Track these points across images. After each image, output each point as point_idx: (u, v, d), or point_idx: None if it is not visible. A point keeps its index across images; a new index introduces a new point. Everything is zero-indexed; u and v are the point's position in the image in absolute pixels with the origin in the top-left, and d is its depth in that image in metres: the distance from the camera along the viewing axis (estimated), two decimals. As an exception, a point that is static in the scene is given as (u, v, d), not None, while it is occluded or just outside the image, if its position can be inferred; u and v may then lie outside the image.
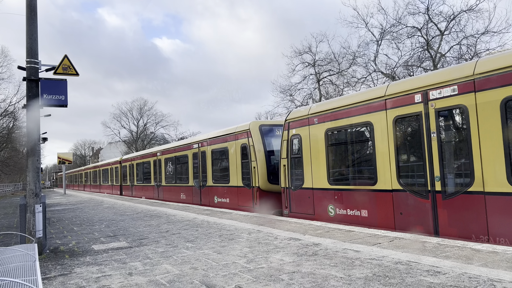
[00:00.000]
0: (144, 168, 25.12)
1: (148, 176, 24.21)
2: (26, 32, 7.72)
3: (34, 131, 7.64)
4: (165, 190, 21.19)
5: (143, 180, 25.28)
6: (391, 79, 25.83)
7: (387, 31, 26.45)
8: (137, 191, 26.42)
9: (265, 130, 13.50)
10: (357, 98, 9.30)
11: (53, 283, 5.23)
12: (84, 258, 6.83)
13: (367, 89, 11.80)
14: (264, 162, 12.73)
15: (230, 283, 4.82)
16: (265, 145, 13.01)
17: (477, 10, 22.73)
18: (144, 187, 24.82)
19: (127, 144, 68.36)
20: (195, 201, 17.44)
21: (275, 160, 12.88)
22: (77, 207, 19.46)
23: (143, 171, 25.33)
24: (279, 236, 7.86)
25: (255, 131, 13.26)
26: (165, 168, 21.13)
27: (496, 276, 4.49)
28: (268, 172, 12.66)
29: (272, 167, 12.71)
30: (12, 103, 41.86)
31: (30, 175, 7.50)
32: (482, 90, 6.70)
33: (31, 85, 7.66)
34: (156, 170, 22.48)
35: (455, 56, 23.87)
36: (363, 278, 4.71)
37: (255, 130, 13.29)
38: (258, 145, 12.92)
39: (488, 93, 6.62)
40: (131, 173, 28.07)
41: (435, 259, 5.40)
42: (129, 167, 28.79)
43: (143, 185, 25.21)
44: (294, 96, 32.67)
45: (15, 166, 52.63)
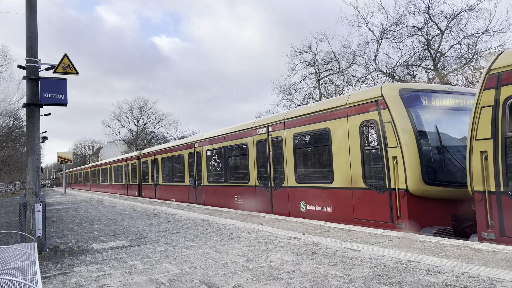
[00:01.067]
0: (173, 163, 20.25)
1: (180, 173, 19.41)
2: (26, 31, 7.72)
3: (33, 130, 7.64)
4: (209, 191, 16.24)
5: (172, 178, 20.41)
6: (391, 78, 25.82)
7: (387, 30, 26.41)
8: (164, 192, 21.43)
9: (410, 98, 8.48)
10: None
11: (53, 282, 5.23)
12: (83, 257, 6.83)
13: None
14: (416, 149, 7.99)
15: (230, 282, 4.82)
16: (414, 121, 8.21)
17: (478, 10, 22.69)
18: (175, 187, 20.01)
19: (127, 143, 68.38)
20: (261, 208, 12.45)
21: (431, 146, 8.30)
22: (77, 206, 19.46)
23: (171, 168, 20.57)
24: (279, 235, 7.86)
25: (394, 100, 8.37)
26: (208, 162, 16.23)
27: (495, 275, 4.49)
28: (422, 166, 7.94)
29: (427, 157, 8.11)
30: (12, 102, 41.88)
31: (29, 174, 7.50)
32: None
33: (31, 84, 7.66)
34: (192, 166, 17.79)
35: (455, 55, 23.86)
36: (362, 277, 4.71)
37: (393, 97, 8.38)
38: (402, 122, 8.17)
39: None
40: (155, 170, 22.94)
41: (434, 258, 5.40)
42: (151, 163, 23.61)
43: (172, 185, 20.35)
44: (294, 96, 32.66)
45: (15, 165, 52.62)
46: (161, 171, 22.09)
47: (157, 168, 22.68)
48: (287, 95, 32.82)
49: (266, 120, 12.67)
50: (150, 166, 23.99)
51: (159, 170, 22.27)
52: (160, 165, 22.23)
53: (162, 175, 21.94)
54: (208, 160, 16.17)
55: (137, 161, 26.64)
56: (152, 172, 23.46)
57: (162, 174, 21.90)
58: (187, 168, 18.32)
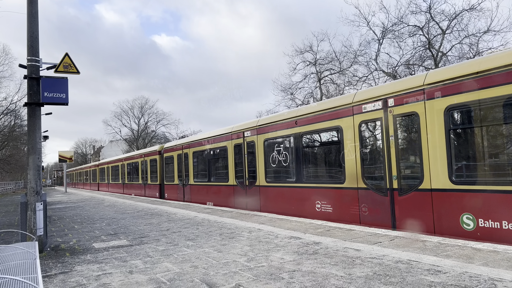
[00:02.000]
0: (212, 158, 16.04)
1: (222, 170, 15.21)
2: (27, 30, 7.72)
3: (34, 129, 7.64)
4: (269, 194, 12.35)
5: (209, 176, 16.12)
6: (392, 78, 25.79)
7: (388, 30, 26.39)
8: (198, 193, 17.23)
9: None
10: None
11: (54, 281, 5.23)
12: (84, 256, 6.84)
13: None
14: None
15: (231, 281, 4.82)
16: None
17: (479, 9, 22.66)
18: (213, 188, 15.78)
19: (128, 142, 68.47)
20: (374, 220, 8.65)
21: None
22: (78, 205, 19.48)
23: (208, 163, 16.26)
24: (280, 235, 7.86)
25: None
26: (269, 156, 12.38)
27: (497, 275, 4.48)
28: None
29: None
30: (14, 101, 41.96)
31: (31, 173, 7.51)
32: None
33: (32, 83, 7.67)
34: (241, 161, 13.74)
35: (456, 55, 23.82)
36: (363, 277, 4.70)
37: None
38: None
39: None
40: (183, 167, 18.74)
41: (435, 258, 5.39)
42: (178, 159, 19.44)
43: (210, 185, 16.13)
44: (295, 95, 32.66)
45: (16, 164, 52.69)
46: (192, 168, 17.87)
47: (186, 165, 18.47)
48: (288, 94, 32.87)
49: (364, 95, 9.76)
50: (176, 162, 19.66)
51: (190, 166, 18.07)
52: (191, 161, 18.01)
53: (194, 173, 17.71)
54: (269, 152, 12.37)
55: (158, 157, 22.29)
56: (180, 169, 19.21)
57: (195, 171, 17.64)
58: (233, 163, 14.12)
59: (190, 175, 18.07)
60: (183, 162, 18.84)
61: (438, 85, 7.37)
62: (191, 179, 17.98)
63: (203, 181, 16.83)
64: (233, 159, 14.20)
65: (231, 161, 14.33)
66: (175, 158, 19.87)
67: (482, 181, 6.64)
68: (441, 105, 7.30)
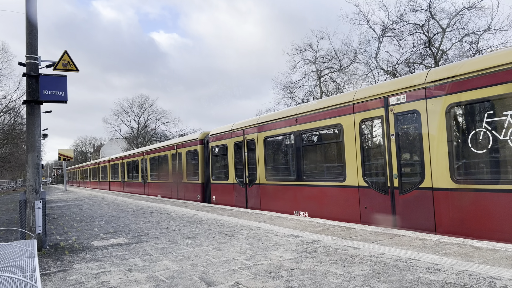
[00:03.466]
0: (300, 146, 11.08)
1: (321, 163, 10.79)
2: (25, 28, 7.70)
3: (33, 127, 7.63)
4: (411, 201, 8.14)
5: (301, 173, 10.99)
6: (392, 76, 25.76)
7: (388, 28, 26.34)
8: (276, 198, 12.14)
9: None
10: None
11: (53, 279, 5.23)
12: (83, 254, 6.83)
13: None
14: None
15: (230, 279, 4.82)
16: None
17: (480, 7, 22.63)
18: (305, 190, 10.80)
19: (128, 140, 68.48)
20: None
21: None
22: (78, 204, 19.49)
23: (297, 155, 11.18)
24: (279, 233, 7.85)
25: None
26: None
27: (496, 273, 4.47)
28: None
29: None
30: (13, 100, 41.93)
31: (30, 171, 7.49)
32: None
33: (31, 81, 7.65)
34: (352, 149, 9.26)
35: (457, 53, 23.80)
36: (362, 275, 4.70)
37: None
38: None
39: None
40: (246, 159, 13.74)
41: (435, 256, 5.39)
42: (235, 148, 14.45)
43: (299, 185, 11.03)
44: (295, 93, 32.64)
45: (16, 162, 52.67)
46: (264, 160, 12.69)
47: (252, 156, 13.35)
48: (288, 93, 32.85)
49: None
50: (232, 152, 14.65)
51: (259, 158, 12.88)
52: (260, 150, 12.87)
53: (267, 167, 12.61)
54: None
55: (200, 147, 17.38)
56: (239, 162, 14.25)
57: (269, 165, 12.65)
58: (346, 154, 9.35)
59: (260, 170, 12.84)
60: (245, 152, 13.78)
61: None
62: (261, 176, 12.80)
63: (282, 180, 11.92)
64: (346, 145, 9.40)
65: (345, 148, 9.42)
66: (230, 147, 14.75)
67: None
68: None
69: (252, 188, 13.34)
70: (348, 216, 9.16)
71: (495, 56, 6.64)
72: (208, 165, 16.61)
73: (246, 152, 13.75)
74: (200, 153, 17.42)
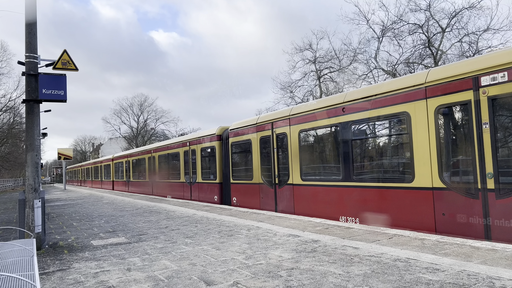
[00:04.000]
0: (358, 139, 9.45)
1: (388, 160, 8.94)
2: (25, 27, 7.69)
3: (33, 126, 7.62)
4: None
5: (346, 172, 9.38)
6: (392, 76, 25.77)
7: (388, 28, 26.36)
8: (315, 201, 10.41)
9: None
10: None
11: (52, 278, 5.22)
12: (83, 253, 6.83)
13: None
14: None
15: (229, 279, 4.81)
16: None
17: (479, 8, 22.64)
18: (350, 191, 9.28)
19: (128, 140, 68.47)
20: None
21: None
22: (77, 203, 19.48)
23: (341, 151, 9.58)
24: (278, 233, 7.86)
25: None
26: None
27: (495, 273, 4.47)
28: None
29: None
30: (12, 99, 41.89)
31: (29, 170, 7.49)
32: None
33: (30, 80, 7.64)
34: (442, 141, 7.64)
35: (456, 53, 23.81)
36: (361, 275, 4.70)
37: None
38: None
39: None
40: (275, 155, 12.01)
41: (434, 256, 5.39)
42: (261, 144, 12.77)
43: (347, 186, 9.40)
44: (295, 93, 32.64)
45: (15, 161, 52.63)
46: (299, 158, 10.94)
47: (284, 153, 11.63)
48: (288, 92, 32.86)
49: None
50: (258, 148, 12.82)
51: (293, 155, 11.11)
52: (294, 145, 11.07)
53: (302, 166, 10.87)
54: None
55: (217, 144, 15.79)
56: (266, 160, 12.48)
57: (306, 163, 10.83)
58: (417, 148, 7.84)
59: (294, 169, 11.10)
60: (274, 148, 12.01)
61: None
62: (295, 176, 11.04)
63: (327, 179, 10.05)
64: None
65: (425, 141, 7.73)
66: (254, 143, 13.00)
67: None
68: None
69: (283, 189, 11.60)
70: (417, 224, 7.65)
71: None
72: (227, 163, 14.96)
73: (275, 148, 12.00)
74: (217, 150, 15.80)
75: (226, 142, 15.12)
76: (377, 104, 8.61)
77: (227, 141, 14.93)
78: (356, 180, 9.05)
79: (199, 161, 17.38)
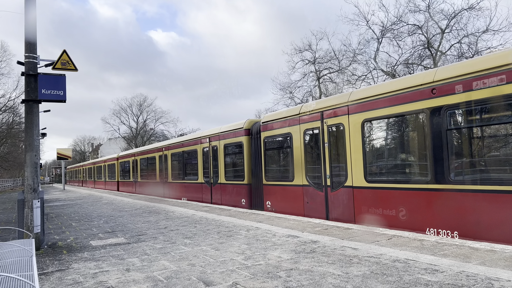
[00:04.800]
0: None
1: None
2: (24, 27, 7.68)
3: (32, 126, 7.61)
4: None
5: (439, 171, 7.28)
6: (391, 77, 25.80)
7: (388, 29, 26.41)
8: (383, 207, 8.33)
9: None
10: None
11: (50, 279, 5.22)
12: (82, 253, 6.82)
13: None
14: None
15: (228, 279, 4.81)
16: None
17: (478, 9, 22.70)
18: (445, 196, 7.18)
19: (127, 140, 68.44)
20: None
21: None
22: (76, 203, 19.46)
23: (430, 145, 7.47)
24: (277, 233, 7.85)
25: None
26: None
27: (494, 274, 4.48)
28: None
29: None
30: (12, 99, 41.85)
31: (28, 170, 7.48)
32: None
33: (29, 80, 7.64)
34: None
35: (455, 54, 23.84)
36: (360, 276, 4.70)
37: None
38: None
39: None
40: (332, 153, 9.87)
41: (433, 257, 5.39)
42: (304, 139, 10.99)
43: (439, 190, 7.27)
44: (294, 94, 32.66)
45: (14, 161, 52.59)
46: (362, 154, 8.88)
47: (340, 149, 9.54)
48: (287, 93, 32.88)
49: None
50: (301, 145, 10.89)
51: (353, 151, 9.12)
52: (357, 140, 9.02)
53: (368, 164, 8.82)
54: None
55: (245, 139, 13.79)
56: (312, 157, 10.58)
57: (370, 160, 8.87)
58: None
59: (355, 168, 9.00)
60: (325, 142, 9.96)
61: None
62: (357, 176, 8.94)
63: (407, 181, 7.96)
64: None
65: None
66: (296, 137, 11.05)
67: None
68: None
69: (338, 193, 9.47)
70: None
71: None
72: (258, 161, 13.02)
73: (326, 143, 9.88)
74: (246, 146, 13.73)
75: (256, 137, 13.25)
76: (487, 81, 6.51)
77: (258, 136, 13.13)
78: (455, 181, 7.03)
79: (221, 159, 15.32)
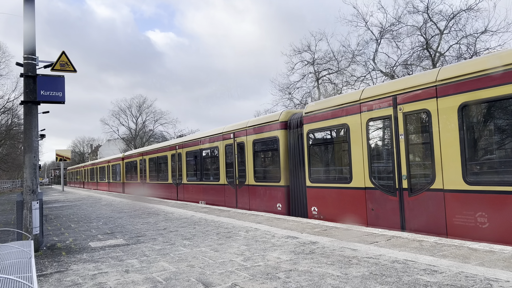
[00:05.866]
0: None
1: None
2: (23, 29, 7.68)
3: (31, 127, 7.61)
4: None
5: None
6: (390, 77, 25.83)
7: (386, 30, 26.44)
8: (496, 218, 6.28)
9: None
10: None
11: (49, 280, 5.21)
12: (81, 255, 6.81)
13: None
14: None
15: (227, 281, 4.81)
16: None
17: (477, 10, 22.74)
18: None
19: (126, 141, 68.36)
20: None
21: None
22: (75, 204, 19.43)
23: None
24: (277, 234, 7.85)
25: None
26: None
27: (493, 275, 4.48)
28: None
29: None
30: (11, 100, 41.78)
31: (27, 172, 7.47)
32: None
33: (28, 81, 7.63)
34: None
35: (454, 55, 23.89)
36: (359, 277, 4.70)
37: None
38: None
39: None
40: (408, 147, 7.84)
41: (432, 258, 5.40)
42: (366, 132, 8.78)
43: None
44: (293, 95, 32.67)
45: (13, 162, 52.50)
46: (459, 149, 6.87)
47: (425, 142, 7.64)
48: (286, 94, 32.88)
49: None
50: (360, 138, 8.98)
51: (443, 145, 7.14)
52: (451, 132, 7.01)
53: (468, 161, 6.79)
54: None
55: (282, 134, 11.94)
56: (378, 153, 8.85)
57: (472, 156, 6.85)
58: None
59: (447, 166, 7.13)
60: (399, 135, 8.04)
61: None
62: (450, 176, 7.07)
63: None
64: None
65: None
66: (356, 129, 9.05)
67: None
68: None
69: (419, 198, 7.58)
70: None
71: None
72: (299, 159, 11.21)
73: (402, 135, 7.97)
74: (282, 142, 11.86)
75: (297, 131, 11.37)
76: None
77: (298, 130, 11.27)
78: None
79: (250, 157, 13.28)
